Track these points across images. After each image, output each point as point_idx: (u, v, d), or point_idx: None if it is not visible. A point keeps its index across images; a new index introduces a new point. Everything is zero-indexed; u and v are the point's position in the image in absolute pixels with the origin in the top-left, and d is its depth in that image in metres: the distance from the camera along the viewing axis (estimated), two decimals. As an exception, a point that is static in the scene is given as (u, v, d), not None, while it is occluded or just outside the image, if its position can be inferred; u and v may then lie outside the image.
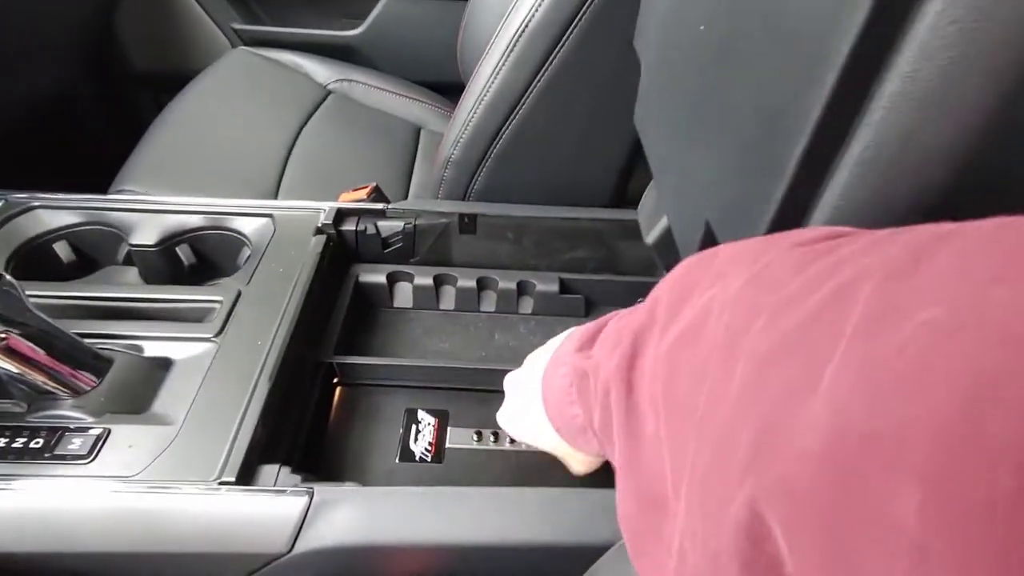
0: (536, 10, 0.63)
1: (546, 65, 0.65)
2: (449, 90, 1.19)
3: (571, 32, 0.64)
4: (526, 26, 0.64)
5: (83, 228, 0.61)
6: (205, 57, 1.17)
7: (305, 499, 0.40)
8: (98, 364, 0.46)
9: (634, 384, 0.26)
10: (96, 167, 0.92)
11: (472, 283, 0.63)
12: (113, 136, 1.25)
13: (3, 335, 0.41)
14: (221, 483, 0.40)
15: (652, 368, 0.25)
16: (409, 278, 0.64)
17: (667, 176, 0.47)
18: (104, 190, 0.87)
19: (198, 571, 0.40)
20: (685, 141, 0.41)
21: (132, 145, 0.94)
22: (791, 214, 0.28)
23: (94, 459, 0.41)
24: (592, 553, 0.38)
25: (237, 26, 1.23)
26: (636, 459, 0.25)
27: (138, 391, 0.46)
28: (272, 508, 0.40)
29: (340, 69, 1.13)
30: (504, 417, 0.43)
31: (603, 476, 0.58)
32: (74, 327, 0.46)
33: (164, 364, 0.48)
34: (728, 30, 0.34)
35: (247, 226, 0.61)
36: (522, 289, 0.64)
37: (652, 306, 0.28)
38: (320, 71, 1.12)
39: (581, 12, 0.63)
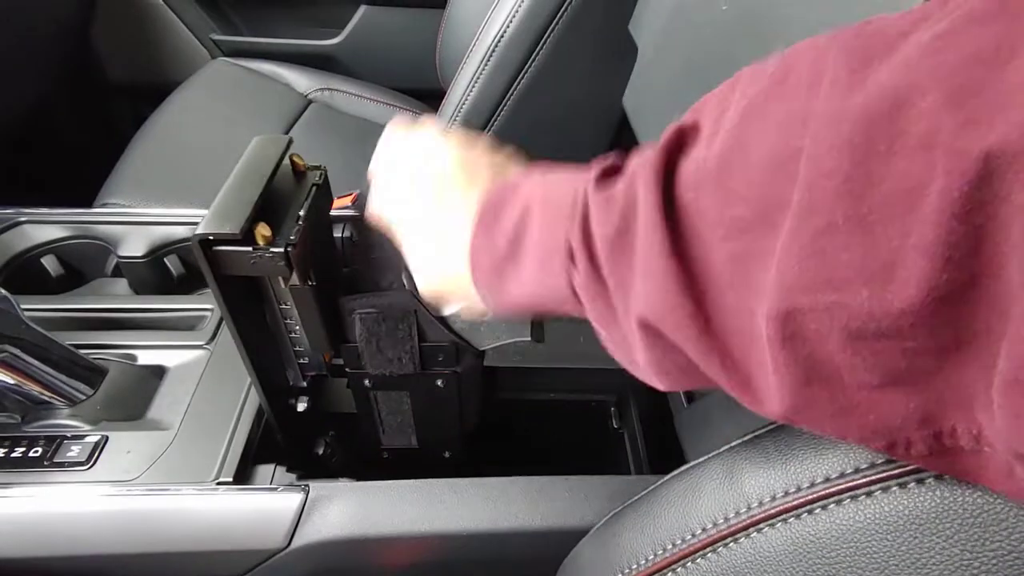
0: (512, 19, 0.66)
1: (523, 72, 0.68)
2: (429, 96, 1.21)
3: (547, 39, 0.66)
4: (503, 35, 0.66)
5: (70, 242, 0.62)
6: (185, 69, 1.17)
7: (300, 495, 0.41)
8: (93, 374, 0.47)
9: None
10: (77, 180, 0.92)
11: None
12: (93, 149, 1.25)
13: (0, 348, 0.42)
14: (218, 483, 0.42)
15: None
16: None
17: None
18: (86, 203, 0.87)
19: (199, 570, 0.42)
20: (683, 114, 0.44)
21: (113, 158, 0.94)
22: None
23: (93, 465, 0.43)
24: (577, 536, 0.40)
25: (216, 37, 1.24)
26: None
27: (133, 398, 0.47)
28: (269, 505, 0.41)
29: (320, 78, 1.14)
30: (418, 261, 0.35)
31: (584, 459, 0.60)
32: (68, 339, 0.48)
33: (158, 372, 0.50)
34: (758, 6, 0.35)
35: (234, 235, 0.63)
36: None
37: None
38: (300, 81, 1.13)
39: (556, 19, 0.65)
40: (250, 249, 0.34)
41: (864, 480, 0.23)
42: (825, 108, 0.18)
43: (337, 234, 0.66)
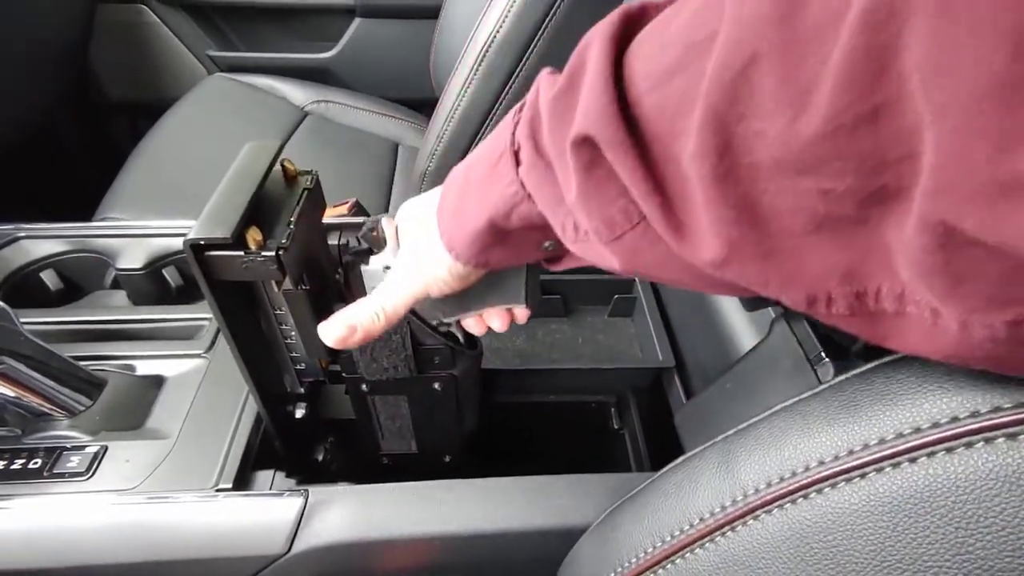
0: (502, 24, 0.66)
1: (514, 75, 0.68)
2: (424, 106, 1.22)
3: (537, 42, 0.66)
4: (493, 40, 0.67)
5: (69, 256, 0.63)
6: (182, 85, 1.18)
7: (300, 501, 0.41)
8: (92, 385, 0.47)
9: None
10: (76, 196, 0.93)
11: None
12: (92, 165, 1.26)
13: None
14: (218, 490, 0.42)
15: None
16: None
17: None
18: (86, 218, 0.88)
19: (199, 577, 0.42)
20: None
21: (111, 174, 0.95)
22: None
23: (93, 475, 0.43)
24: (577, 534, 0.39)
25: (212, 53, 1.25)
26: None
27: (133, 408, 0.48)
28: (269, 511, 0.41)
29: (316, 90, 1.15)
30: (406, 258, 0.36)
31: (586, 461, 0.60)
32: (67, 351, 0.48)
33: (157, 381, 0.50)
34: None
35: (232, 245, 0.63)
36: (502, 292, 0.66)
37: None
38: (296, 93, 1.14)
39: (545, 22, 0.66)
40: (241, 253, 0.34)
41: (857, 461, 0.23)
42: None
43: (333, 241, 0.66)
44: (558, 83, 0.25)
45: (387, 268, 0.40)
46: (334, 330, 0.35)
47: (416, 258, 0.35)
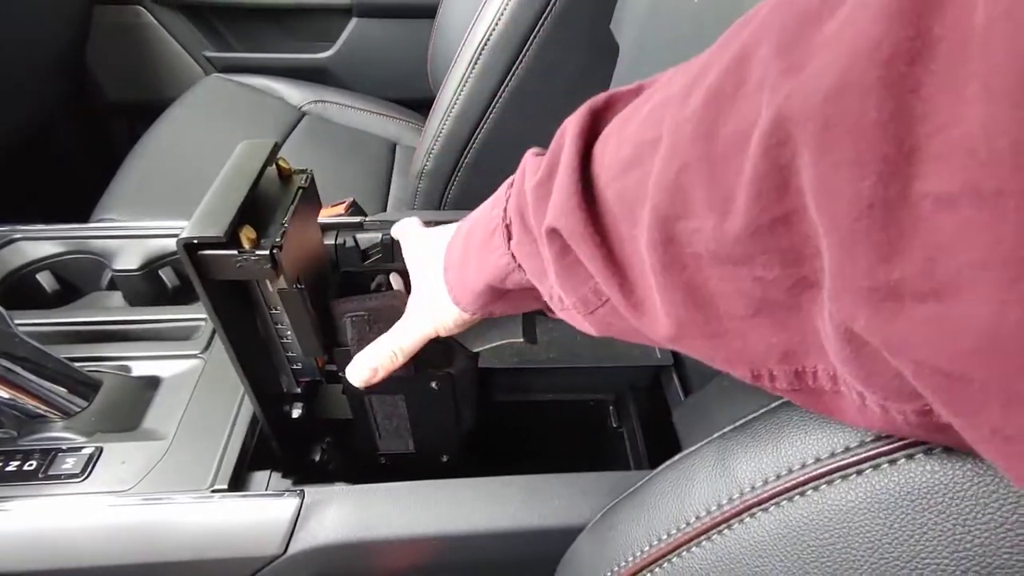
0: (497, 22, 0.66)
1: (510, 74, 0.68)
2: (422, 106, 1.22)
3: (532, 41, 0.66)
4: (488, 38, 0.67)
5: (66, 257, 0.62)
6: (179, 85, 1.18)
7: (296, 501, 0.41)
8: (87, 386, 0.47)
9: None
10: (73, 197, 0.93)
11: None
12: (89, 166, 1.26)
13: (-7, 362, 0.42)
14: (214, 491, 0.42)
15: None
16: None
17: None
18: (83, 220, 0.88)
19: (196, 579, 0.42)
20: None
21: (108, 175, 0.95)
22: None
23: (88, 477, 0.42)
24: (575, 533, 0.39)
25: (209, 54, 1.25)
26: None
27: (128, 409, 0.47)
28: (265, 512, 0.41)
29: (313, 91, 1.15)
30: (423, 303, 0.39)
31: (585, 460, 0.60)
32: (63, 352, 0.48)
33: (153, 382, 0.50)
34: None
35: (228, 246, 0.63)
36: (500, 291, 0.66)
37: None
38: (293, 94, 1.14)
39: (541, 21, 0.66)
40: (235, 252, 0.34)
41: (854, 459, 0.23)
42: (701, 61, 0.21)
43: (330, 241, 0.66)
44: (539, 171, 0.28)
45: None
46: (359, 374, 0.39)
47: (426, 304, 0.38)
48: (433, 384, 0.46)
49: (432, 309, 0.38)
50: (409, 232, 0.43)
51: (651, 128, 0.22)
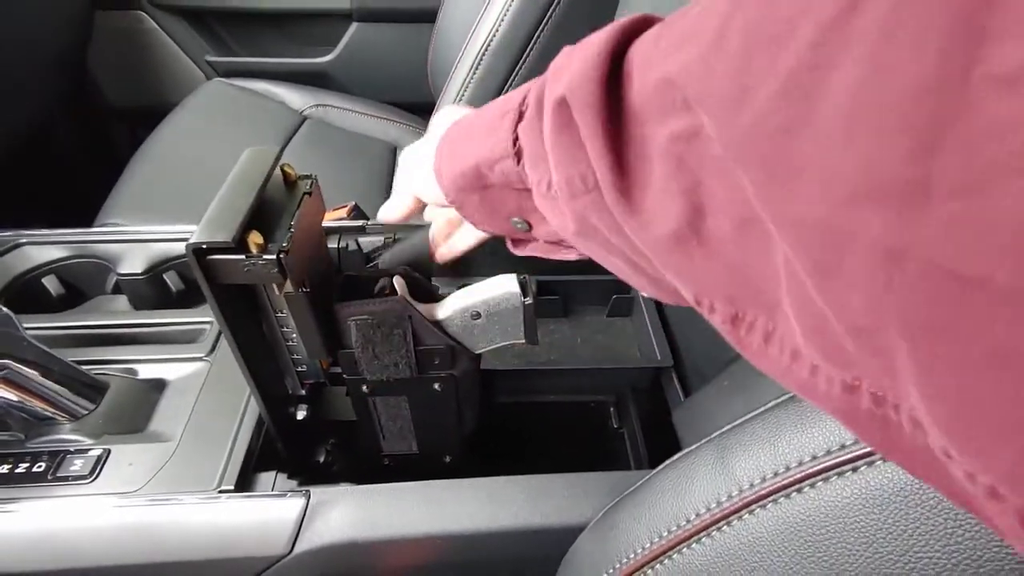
0: (498, 27, 0.67)
1: (511, 78, 0.69)
2: (423, 110, 1.22)
3: (533, 45, 0.67)
4: (489, 43, 0.67)
5: (71, 261, 0.63)
6: (181, 90, 1.19)
7: (302, 501, 0.42)
8: (94, 389, 0.48)
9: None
10: (77, 202, 0.94)
11: (452, 291, 0.66)
12: (92, 171, 1.27)
13: (3, 366, 0.42)
14: (221, 492, 0.42)
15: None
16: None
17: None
18: (86, 224, 0.88)
19: (203, 579, 0.42)
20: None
21: (111, 179, 0.96)
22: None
23: (96, 478, 0.43)
24: (577, 532, 0.40)
25: (211, 58, 1.26)
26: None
27: (135, 412, 0.48)
28: (271, 512, 0.42)
29: (314, 95, 1.16)
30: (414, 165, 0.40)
31: (587, 460, 0.60)
32: (69, 355, 0.48)
33: (159, 385, 0.50)
34: None
35: (232, 249, 0.63)
36: (501, 294, 0.67)
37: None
38: (295, 98, 1.14)
39: (541, 25, 0.66)
40: (243, 257, 0.34)
41: (849, 456, 0.23)
42: None
43: (332, 244, 0.67)
44: (563, 57, 0.27)
45: (476, 316, 0.43)
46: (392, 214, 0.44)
47: (414, 170, 0.39)
48: (436, 386, 0.47)
49: (421, 169, 0.38)
50: (445, 110, 0.42)
51: (709, 18, 0.20)
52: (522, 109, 0.30)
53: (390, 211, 0.45)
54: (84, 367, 0.48)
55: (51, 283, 0.62)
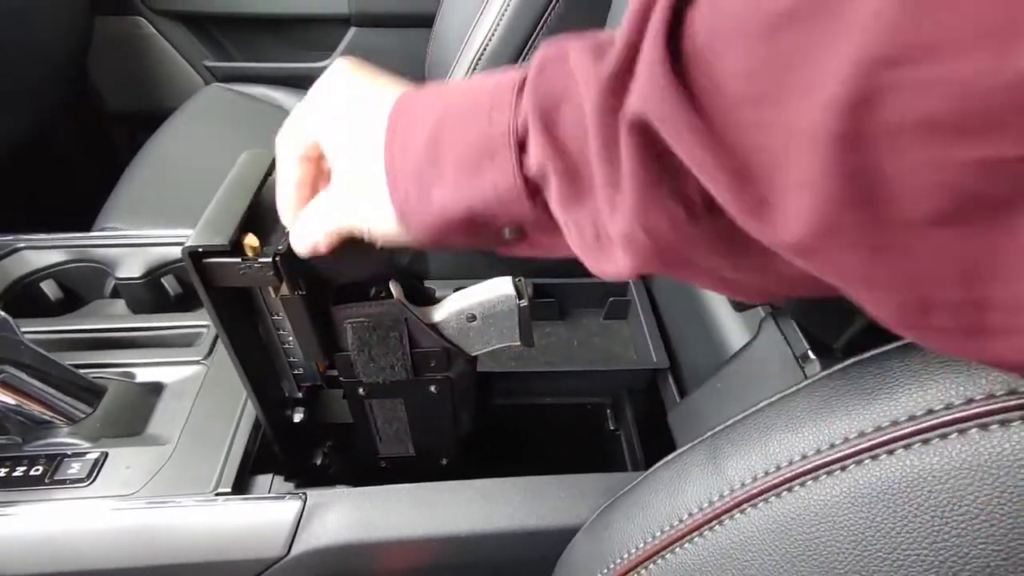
0: (494, 32, 0.67)
1: (507, 83, 0.69)
2: (420, 113, 1.23)
3: (529, 50, 0.67)
4: (486, 46, 0.68)
5: (69, 266, 0.63)
6: (179, 95, 1.19)
7: (299, 503, 0.42)
8: (92, 392, 0.48)
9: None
10: (76, 205, 0.94)
11: (448, 294, 0.66)
12: (91, 176, 1.27)
13: (0, 370, 0.43)
14: (218, 494, 0.42)
15: None
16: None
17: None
18: (85, 229, 0.89)
19: (200, 581, 0.42)
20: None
21: (110, 184, 0.96)
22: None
23: (93, 481, 0.43)
24: (573, 533, 0.40)
25: (209, 63, 1.26)
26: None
27: (132, 415, 0.48)
28: (268, 514, 0.42)
29: (312, 99, 1.16)
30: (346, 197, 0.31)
31: (583, 462, 0.61)
32: (67, 359, 0.48)
33: (156, 388, 0.50)
34: None
35: (230, 253, 0.64)
36: (498, 296, 0.67)
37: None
38: (293, 102, 1.15)
39: (537, 30, 0.67)
40: (239, 260, 0.34)
41: (837, 455, 0.23)
42: None
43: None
44: (607, 64, 0.21)
45: (471, 318, 0.43)
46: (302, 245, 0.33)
47: (354, 200, 0.30)
48: (432, 388, 0.47)
49: (364, 213, 0.29)
50: (335, 69, 0.33)
51: None
52: (519, 139, 0.24)
53: (304, 246, 0.33)
54: (82, 371, 0.48)
55: (49, 287, 0.62)
